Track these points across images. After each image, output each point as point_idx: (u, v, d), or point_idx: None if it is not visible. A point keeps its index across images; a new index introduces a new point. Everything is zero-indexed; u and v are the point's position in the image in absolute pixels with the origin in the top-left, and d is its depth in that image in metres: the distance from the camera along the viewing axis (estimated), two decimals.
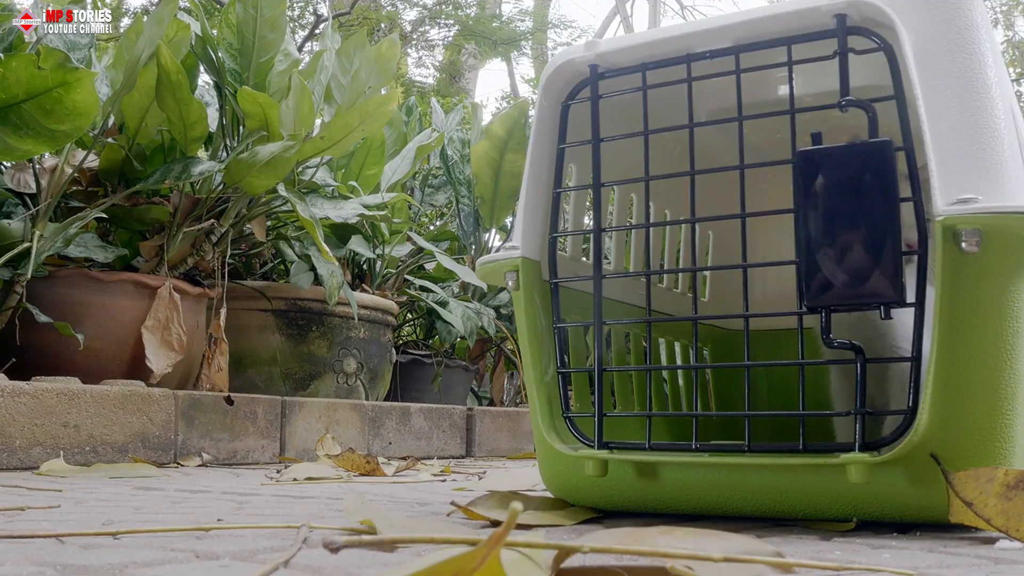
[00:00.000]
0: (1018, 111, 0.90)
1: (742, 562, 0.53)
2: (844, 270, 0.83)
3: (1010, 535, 0.75)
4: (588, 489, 1.00)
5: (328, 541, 0.52)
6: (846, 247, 0.83)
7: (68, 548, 0.70)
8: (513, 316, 2.06)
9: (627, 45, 0.99)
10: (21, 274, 2.01)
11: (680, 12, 13.48)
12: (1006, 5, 9.83)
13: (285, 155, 2.13)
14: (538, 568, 0.51)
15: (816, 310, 0.86)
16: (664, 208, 1.35)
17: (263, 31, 2.33)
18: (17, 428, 1.74)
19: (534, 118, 1.06)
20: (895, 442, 0.83)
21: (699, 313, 1.23)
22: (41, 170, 2.17)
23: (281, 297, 2.66)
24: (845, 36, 0.87)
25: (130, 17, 5.78)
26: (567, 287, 1.08)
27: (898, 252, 0.82)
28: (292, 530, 0.82)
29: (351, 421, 2.49)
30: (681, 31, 0.97)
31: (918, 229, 0.83)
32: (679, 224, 1.29)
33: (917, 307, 0.83)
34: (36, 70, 1.74)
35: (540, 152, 1.05)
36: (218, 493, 1.31)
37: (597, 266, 0.99)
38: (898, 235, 0.82)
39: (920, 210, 0.83)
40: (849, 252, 0.83)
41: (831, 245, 0.84)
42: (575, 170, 1.12)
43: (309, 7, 6.73)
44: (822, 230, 0.84)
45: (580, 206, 1.19)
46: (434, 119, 3.56)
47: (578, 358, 1.10)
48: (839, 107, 0.86)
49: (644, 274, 1.02)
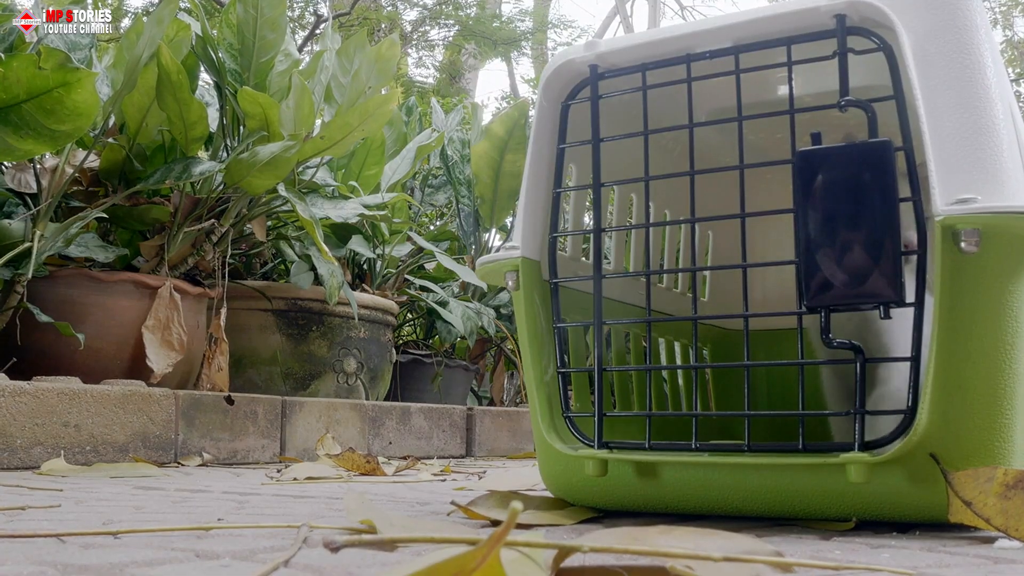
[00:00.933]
0: (1017, 111, 0.90)
1: (742, 562, 0.53)
2: (844, 270, 0.83)
3: (1009, 534, 0.75)
4: (588, 489, 1.00)
5: (328, 541, 0.52)
6: (846, 247, 0.83)
7: (69, 548, 0.70)
8: (513, 316, 2.06)
9: (627, 45, 0.99)
10: (22, 274, 2.01)
11: (680, 12, 13.48)
12: (1005, 5, 9.83)
13: (285, 155, 2.13)
14: (538, 568, 0.51)
15: (816, 310, 0.86)
16: (664, 208, 1.35)
17: (263, 31, 2.33)
18: (18, 428, 1.75)
19: (534, 118, 1.06)
20: (894, 442, 0.83)
21: (699, 313, 1.23)
22: (42, 170, 2.17)
23: (281, 297, 2.66)
24: (844, 36, 0.87)
25: (130, 17, 5.78)
26: (567, 287, 1.08)
27: (898, 252, 0.82)
28: (292, 530, 0.82)
29: (351, 421, 2.49)
30: (681, 31, 0.97)
31: (917, 229, 0.83)
32: (679, 224, 1.29)
33: (916, 307, 0.83)
34: (37, 70, 1.74)
35: (540, 152, 1.05)
36: (218, 493, 1.31)
37: (597, 266, 0.99)
38: (898, 235, 0.82)
39: (920, 210, 0.83)
40: (849, 252, 0.83)
41: (831, 245, 0.84)
42: (575, 170, 1.12)
43: (309, 7, 6.73)
44: (821, 230, 0.84)
45: (580, 206, 1.19)
46: (434, 119, 3.56)
47: (578, 358, 1.10)
48: (839, 107, 0.86)
49: (644, 274, 1.02)
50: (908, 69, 0.85)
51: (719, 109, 1.27)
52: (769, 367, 1.51)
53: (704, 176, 0.99)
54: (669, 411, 1.31)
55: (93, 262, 2.21)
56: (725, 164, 1.34)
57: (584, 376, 1.08)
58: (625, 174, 1.09)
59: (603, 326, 0.99)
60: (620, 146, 1.05)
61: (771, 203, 1.37)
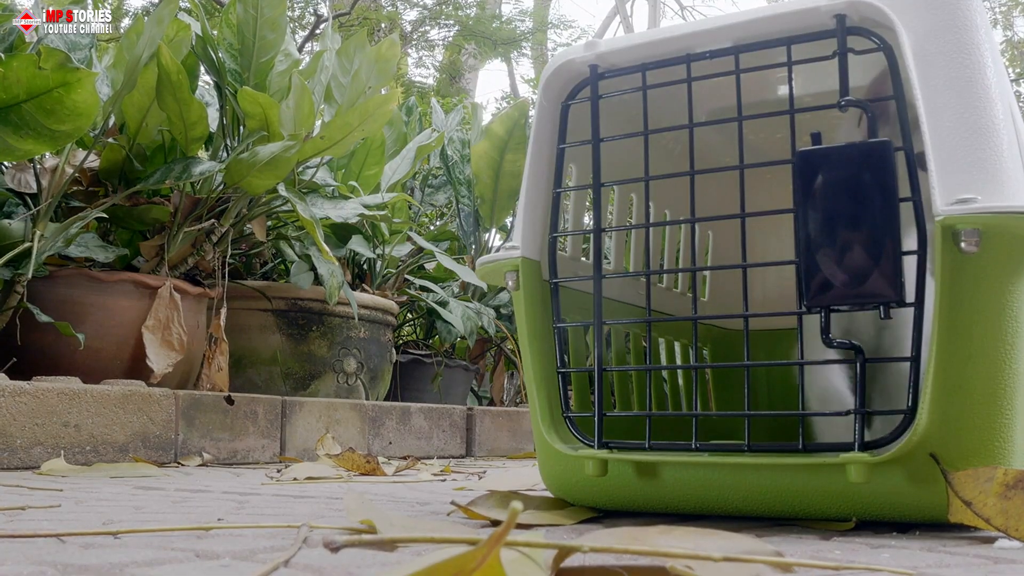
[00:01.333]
0: (1017, 111, 0.90)
1: (742, 562, 0.53)
2: (844, 270, 0.83)
3: (1009, 534, 0.75)
4: (588, 489, 1.00)
5: (328, 541, 0.52)
6: (845, 247, 0.83)
7: (68, 548, 0.70)
8: (513, 316, 2.06)
9: (627, 45, 0.99)
10: (22, 274, 2.01)
11: (680, 12, 13.47)
12: (1006, 5, 9.83)
13: (285, 155, 2.13)
14: (538, 568, 0.51)
15: (816, 310, 0.86)
16: (664, 208, 1.35)
17: (263, 31, 2.33)
18: (18, 428, 1.75)
19: (534, 118, 1.06)
20: (895, 442, 0.83)
21: (699, 313, 1.23)
22: (42, 170, 2.17)
23: (281, 297, 2.66)
24: (844, 36, 0.87)
25: (130, 17, 5.78)
26: (567, 287, 1.08)
27: (898, 252, 0.82)
28: (292, 530, 0.82)
29: (351, 421, 2.49)
30: (681, 31, 0.97)
31: (917, 229, 0.83)
32: (679, 224, 1.29)
33: (916, 307, 0.83)
34: (37, 70, 1.74)
35: (540, 152, 1.05)
36: (218, 493, 1.31)
37: (597, 266, 0.99)
38: (898, 235, 0.82)
39: (920, 210, 0.83)
40: (848, 252, 0.83)
41: (830, 245, 0.84)
42: (575, 170, 1.12)
43: (309, 7, 6.73)
44: (821, 230, 0.84)
45: (580, 206, 1.19)
46: (434, 119, 3.56)
47: (578, 358, 1.10)
48: (839, 107, 0.86)
49: (644, 274, 1.02)
50: (908, 69, 0.85)
51: (719, 109, 1.27)
52: (769, 367, 1.51)
53: (704, 176, 0.99)
54: (669, 411, 1.31)
55: (93, 262, 2.21)
56: (725, 164, 1.34)
57: (584, 376, 1.08)
58: (625, 174, 1.09)
59: (603, 326, 0.99)
60: (620, 146, 1.05)
61: (771, 203, 1.37)
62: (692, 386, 1.34)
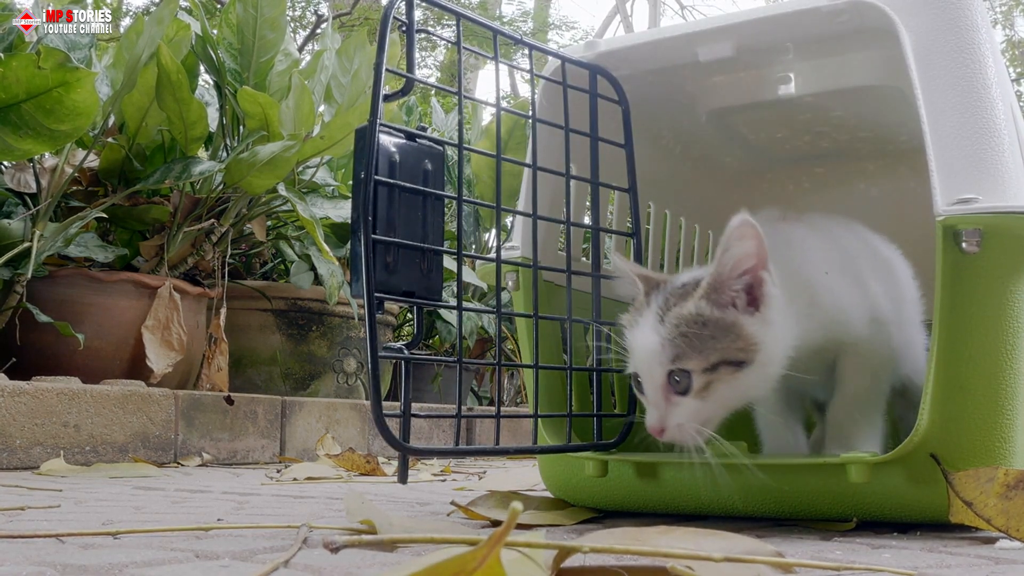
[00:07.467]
0: (1018, 111, 0.90)
1: (743, 562, 0.53)
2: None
3: (1010, 535, 0.75)
4: (588, 489, 1.00)
5: (328, 541, 0.52)
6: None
7: (68, 548, 0.70)
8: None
9: (627, 45, 0.99)
10: (21, 274, 2.01)
11: (680, 12, 13.47)
12: (1006, 5, 9.83)
13: (285, 155, 2.13)
14: (538, 568, 0.51)
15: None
16: (664, 208, 1.35)
17: (263, 31, 2.33)
18: (17, 428, 1.74)
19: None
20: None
21: None
22: (41, 170, 2.17)
23: (281, 297, 2.66)
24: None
25: (130, 17, 5.78)
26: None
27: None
28: (292, 530, 0.82)
29: (351, 421, 2.49)
30: (681, 31, 0.97)
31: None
32: (679, 224, 1.29)
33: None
34: (36, 70, 1.74)
35: (540, 152, 1.05)
36: (218, 493, 1.31)
37: (596, 266, 0.99)
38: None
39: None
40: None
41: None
42: (575, 170, 1.12)
43: (310, 7, 6.73)
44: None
45: (580, 206, 1.19)
46: (434, 119, 3.56)
47: (578, 358, 1.10)
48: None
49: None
50: (909, 69, 0.84)
51: (719, 109, 1.26)
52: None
53: (704, 176, 0.99)
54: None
55: (93, 262, 2.21)
56: (725, 164, 1.34)
57: (584, 376, 1.08)
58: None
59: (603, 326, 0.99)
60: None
61: (771, 203, 1.37)
62: None
